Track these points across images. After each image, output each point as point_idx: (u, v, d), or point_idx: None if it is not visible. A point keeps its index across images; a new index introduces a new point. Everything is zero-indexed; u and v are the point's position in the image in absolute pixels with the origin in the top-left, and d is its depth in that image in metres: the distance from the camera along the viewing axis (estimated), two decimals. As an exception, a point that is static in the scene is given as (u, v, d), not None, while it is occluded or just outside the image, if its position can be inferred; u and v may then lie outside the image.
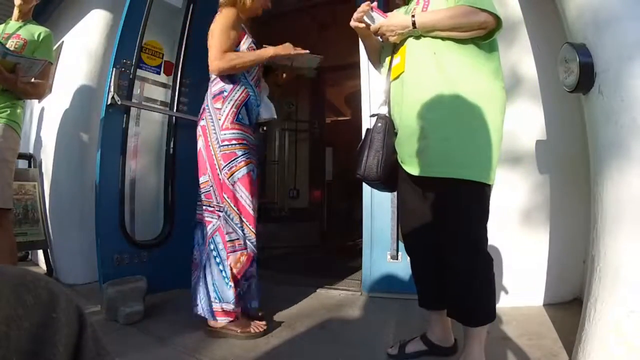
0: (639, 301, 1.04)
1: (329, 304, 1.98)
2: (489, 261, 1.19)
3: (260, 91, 1.74)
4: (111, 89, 1.86)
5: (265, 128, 4.22)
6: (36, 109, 2.96)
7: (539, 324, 1.61)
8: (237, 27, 1.61)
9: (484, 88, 1.16)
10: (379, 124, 1.29)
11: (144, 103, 2.17)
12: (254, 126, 1.71)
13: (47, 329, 0.34)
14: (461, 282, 1.19)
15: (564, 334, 1.47)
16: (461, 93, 1.14)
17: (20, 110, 1.88)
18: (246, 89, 1.64)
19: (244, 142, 1.61)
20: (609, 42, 1.14)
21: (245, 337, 1.53)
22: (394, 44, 1.31)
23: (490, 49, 1.20)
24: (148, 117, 2.26)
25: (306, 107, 4.29)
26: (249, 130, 1.65)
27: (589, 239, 1.22)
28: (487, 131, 1.14)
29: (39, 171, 2.67)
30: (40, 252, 2.62)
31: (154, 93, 2.23)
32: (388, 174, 1.26)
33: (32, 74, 1.81)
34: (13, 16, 1.96)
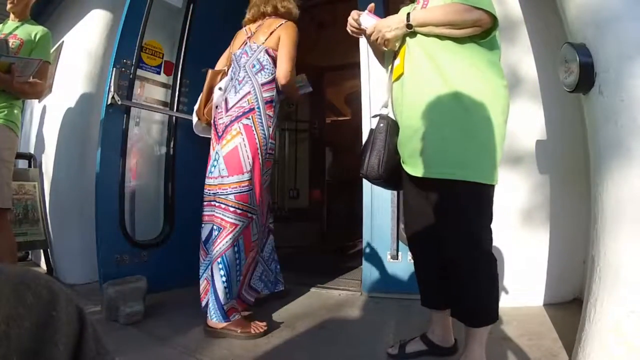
0: (639, 301, 1.04)
1: (329, 304, 1.98)
2: (493, 262, 1.18)
3: None
4: (111, 89, 1.86)
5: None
6: (36, 109, 2.96)
7: (539, 324, 1.61)
8: None
9: (483, 87, 1.15)
10: (381, 125, 1.30)
11: (144, 103, 2.18)
12: None
13: (48, 327, 0.34)
14: (464, 282, 1.19)
15: (564, 334, 1.47)
16: (459, 93, 1.13)
17: (18, 110, 1.88)
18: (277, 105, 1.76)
19: (272, 155, 1.74)
20: (609, 42, 1.14)
21: (245, 337, 1.52)
22: (395, 44, 1.31)
23: (491, 47, 1.19)
24: (148, 117, 2.26)
25: (306, 107, 4.28)
26: None
27: (589, 239, 1.22)
28: (486, 131, 1.14)
29: (39, 171, 2.67)
30: (41, 252, 2.62)
31: (154, 93, 2.23)
32: (390, 173, 1.27)
33: (29, 73, 1.80)
34: (10, 16, 1.95)
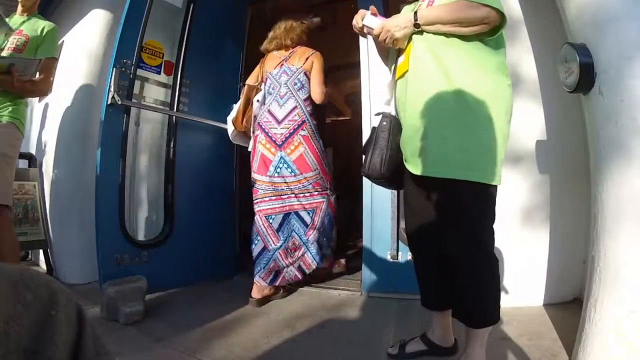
0: (639, 301, 1.03)
1: (329, 304, 1.98)
2: (494, 262, 1.18)
3: None
4: (111, 88, 1.86)
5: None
6: (37, 108, 2.96)
7: (539, 324, 1.61)
8: None
9: (487, 86, 1.14)
10: (384, 123, 1.29)
11: (144, 103, 2.18)
12: None
13: (47, 327, 0.34)
14: (465, 282, 1.18)
15: (564, 334, 1.47)
16: (463, 92, 1.13)
17: (24, 107, 1.85)
18: None
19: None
20: (609, 42, 1.14)
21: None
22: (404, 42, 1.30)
23: (497, 45, 1.18)
24: (148, 117, 2.27)
25: (306, 107, 4.29)
26: None
27: (589, 239, 1.22)
28: (489, 131, 1.13)
29: (39, 171, 2.67)
30: (41, 252, 2.62)
31: (154, 93, 2.23)
32: (392, 172, 1.26)
33: (29, 73, 1.78)
34: (17, 10, 1.92)
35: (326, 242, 2.12)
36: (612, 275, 1.08)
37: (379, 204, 2.11)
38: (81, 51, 2.48)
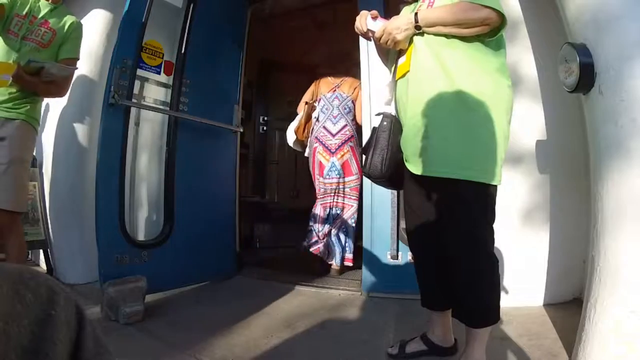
0: (639, 301, 1.04)
1: (329, 304, 1.98)
2: (494, 262, 1.18)
3: None
4: (111, 88, 1.86)
5: (265, 128, 4.24)
6: (36, 108, 2.95)
7: (539, 324, 1.61)
8: None
9: (488, 87, 1.15)
10: (385, 123, 1.29)
11: (143, 103, 2.17)
12: None
13: (46, 326, 0.34)
14: (465, 282, 1.18)
15: (564, 334, 1.47)
16: (464, 92, 1.13)
17: (40, 105, 1.77)
18: None
19: None
20: (609, 42, 1.14)
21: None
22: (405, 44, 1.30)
23: (497, 46, 1.19)
24: (148, 117, 2.26)
25: (306, 107, 4.29)
26: None
27: (589, 239, 1.22)
28: (489, 130, 1.14)
29: (39, 171, 2.67)
30: (41, 252, 2.61)
31: (154, 93, 2.23)
32: (392, 172, 1.27)
33: (58, 75, 1.70)
34: None
35: (346, 241, 2.55)
36: (612, 275, 1.08)
37: (379, 204, 2.12)
38: (81, 51, 2.47)
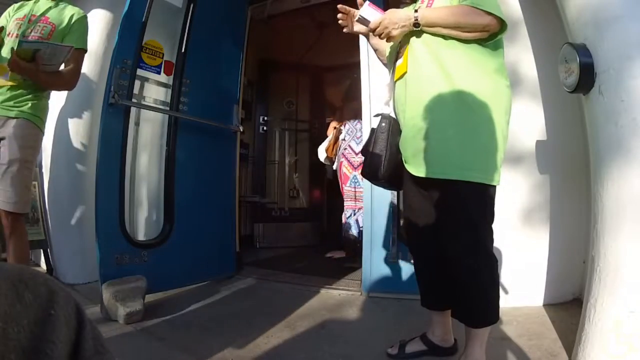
0: (639, 301, 1.04)
1: (329, 304, 1.98)
2: (494, 262, 1.18)
3: None
4: (111, 88, 1.86)
5: (265, 128, 4.25)
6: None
7: (539, 324, 1.61)
8: None
9: (487, 87, 1.15)
10: (383, 124, 1.29)
11: (143, 103, 2.17)
12: None
13: (46, 326, 0.34)
14: (464, 282, 1.18)
15: (564, 334, 1.47)
16: (463, 93, 1.13)
17: (45, 102, 1.69)
18: None
19: None
20: (609, 42, 1.14)
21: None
22: (399, 43, 1.30)
23: (495, 46, 1.18)
24: (148, 117, 2.26)
25: (306, 107, 4.29)
26: None
27: (589, 239, 1.22)
28: (488, 131, 1.13)
29: (39, 171, 2.66)
30: (41, 252, 2.61)
31: (154, 93, 2.23)
32: (392, 173, 1.26)
33: (57, 62, 1.59)
34: None
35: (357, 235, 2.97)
36: (612, 275, 1.08)
37: (379, 204, 2.11)
38: (81, 51, 2.48)
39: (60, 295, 0.36)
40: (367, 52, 2.20)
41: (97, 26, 2.48)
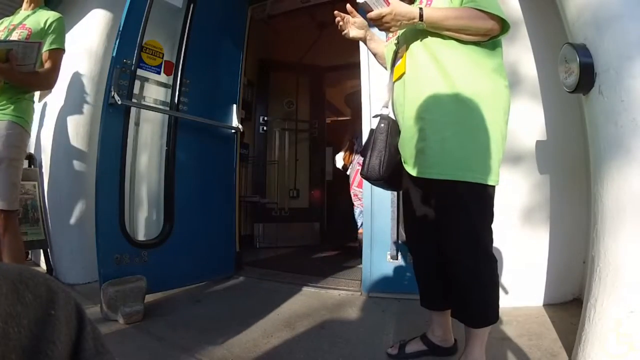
0: (639, 301, 1.03)
1: (329, 304, 1.98)
2: (493, 262, 1.18)
3: None
4: (111, 88, 1.86)
5: (265, 128, 4.25)
6: (36, 108, 2.94)
7: (539, 324, 1.61)
8: None
9: (485, 87, 1.14)
10: (382, 125, 1.29)
11: (144, 103, 2.17)
12: None
13: (46, 326, 0.34)
14: (464, 283, 1.18)
15: (564, 334, 1.47)
16: (461, 93, 1.13)
17: (28, 103, 1.74)
18: None
19: None
20: (609, 42, 1.14)
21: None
22: (396, 45, 1.30)
23: (493, 46, 1.18)
24: (148, 117, 2.26)
25: (306, 107, 4.29)
26: None
27: (589, 239, 1.22)
28: (487, 131, 1.13)
29: (39, 171, 2.67)
30: (41, 252, 2.62)
31: (154, 93, 2.23)
32: (391, 174, 1.26)
33: (32, 61, 1.63)
34: (23, 5, 1.81)
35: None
36: (612, 275, 1.08)
37: (378, 205, 2.12)
38: (81, 51, 2.48)
39: (61, 295, 0.36)
40: (367, 53, 2.20)
41: (97, 26, 2.49)
